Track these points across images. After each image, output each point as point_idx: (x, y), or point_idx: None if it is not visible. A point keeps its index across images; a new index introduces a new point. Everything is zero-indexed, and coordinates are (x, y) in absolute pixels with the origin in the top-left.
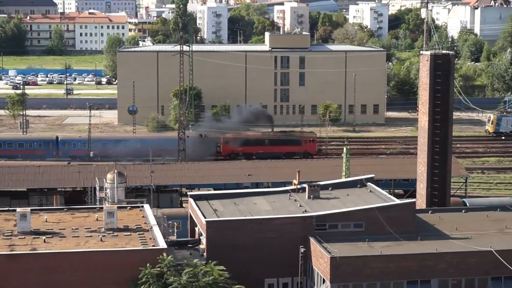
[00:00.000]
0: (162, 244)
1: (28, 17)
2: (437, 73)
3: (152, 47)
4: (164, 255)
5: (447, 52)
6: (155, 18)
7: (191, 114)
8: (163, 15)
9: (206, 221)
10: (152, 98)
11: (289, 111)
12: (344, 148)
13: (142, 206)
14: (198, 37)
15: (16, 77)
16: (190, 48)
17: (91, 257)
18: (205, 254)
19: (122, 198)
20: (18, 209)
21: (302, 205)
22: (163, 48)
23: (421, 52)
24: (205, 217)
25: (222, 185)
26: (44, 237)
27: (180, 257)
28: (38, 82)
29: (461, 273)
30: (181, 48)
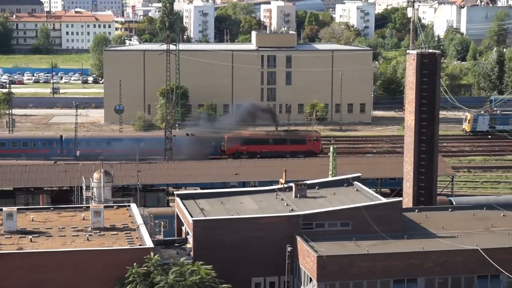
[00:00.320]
0: (149, 243)
1: (14, 16)
2: (423, 72)
3: (138, 46)
4: (151, 254)
5: (434, 51)
6: (141, 17)
7: (178, 113)
8: (150, 14)
9: (193, 220)
10: (139, 97)
11: (275, 110)
12: (331, 147)
13: (129, 205)
14: (185, 36)
15: (2, 76)
16: (177, 47)
17: (77, 256)
18: (192, 253)
19: (108, 197)
20: (4, 209)
21: (289, 204)
22: (149, 47)
23: (408, 51)
24: (192, 216)
25: (209, 184)
26: (30, 237)
27: (167, 256)
28: (24, 81)
29: (448, 271)
30: (168, 47)
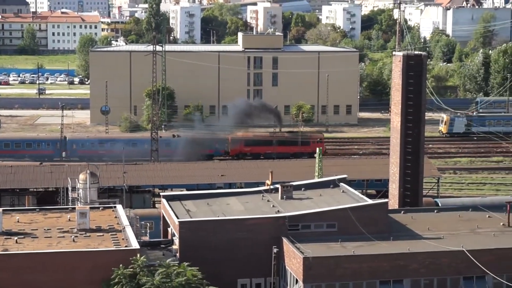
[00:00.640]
0: (134, 244)
1: (0, 16)
2: (409, 73)
3: (125, 47)
4: (137, 255)
5: (420, 53)
6: (128, 17)
7: (164, 115)
8: (136, 14)
9: (179, 221)
10: (125, 98)
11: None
12: (317, 149)
13: (115, 207)
14: (171, 37)
15: None
16: (163, 48)
17: (63, 257)
18: (178, 254)
19: (94, 198)
20: None
21: (275, 206)
22: (136, 48)
23: (394, 52)
24: (178, 218)
25: (195, 185)
26: (16, 238)
27: (153, 258)
28: (10, 82)
29: (433, 273)
30: (154, 48)
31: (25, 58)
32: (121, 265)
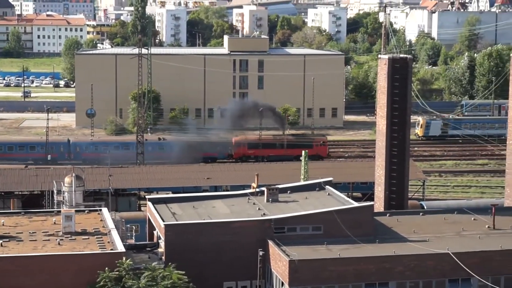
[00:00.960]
0: (120, 247)
1: None
2: (395, 76)
3: (110, 49)
4: (122, 258)
5: (405, 56)
6: (113, 20)
7: (150, 118)
8: (122, 17)
9: (164, 224)
10: (111, 101)
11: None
12: (303, 152)
13: (100, 210)
14: (157, 40)
15: None
16: (149, 51)
17: (48, 261)
18: (163, 257)
19: (80, 201)
20: None
21: (260, 209)
22: (121, 51)
23: (379, 55)
24: (163, 221)
25: (181, 188)
26: (1, 241)
27: (138, 261)
28: None
29: (419, 275)
30: (140, 51)
31: (10, 61)
32: (106, 268)
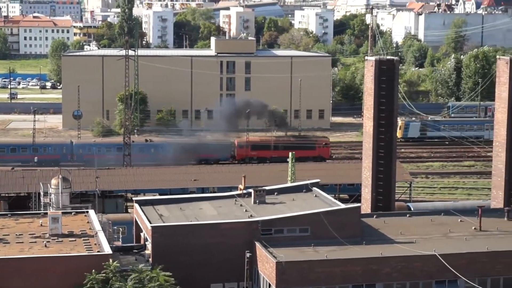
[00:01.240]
0: (107, 249)
1: None
2: (381, 78)
3: (97, 51)
4: (109, 261)
5: (392, 57)
6: (100, 22)
7: (137, 119)
8: (109, 19)
9: (151, 226)
10: (97, 103)
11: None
12: (290, 153)
13: (87, 212)
14: (144, 42)
15: None
16: (136, 53)
17: (35, 263)
18: (150, 259)
19: (66, 203)
20: None
21: (248, 210)
22: (108, 53)
23: (366, 57)
24: (150, 223)
25: (168, 190)
26: None
27: (125, 263)
28: None
29: (406, 277)
30: (127, 53)
31: None
32: (93, 270)
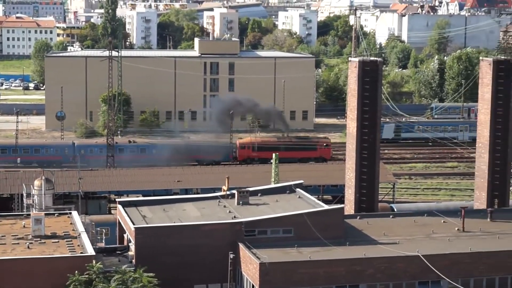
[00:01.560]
0: (90, 251)
1: None
2: (365, 79)
3: (80, 52)
4: (92, 262)
5: (375, 59)
6: (83, 23)
7: (120, 120)
8: (92, 20)
9: (135, 227)
10: (81, 104)
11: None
12: (273, 155)
13: (70, 213)
14: (127, 43)
15: None
16: (119, 54)
17: (18, 264)
18: (134, 260)
19: (49, 204)
20: None
21: (231, 211)
22: (91, 53)
23: (350, 58)
24: (134, 224)
25: (151, 191)
26: None
27: (108, 264)
28: None
29: (389, 277)
30: (110, 54)
31: None
32: (76, 272)
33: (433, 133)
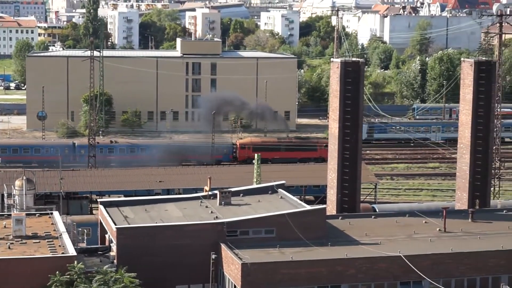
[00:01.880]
0: (71, 251)
1: None
2: (347, 80)
3: (62, 52)
4: (74, 262)
5: (357, 59)
6: (65, 22)
7: (102, 120)
8: (74, 19)
9: (116, 228)
10: (62, 104)
11: (200, 117)
12: (256, 155)
13: (51, 213)
14: (109, 43)
15: None
16: (101, 54)
17: None
18: (115, 261)
19: (30, 205)
20: None
21: (213, 212)
22: (73, 53)
23: (332, 59)
24: (115, 224)
25: (133, 191)
26: None
27: (90, 265)
28: None
29: (371, 278)
30: (92, 54)
31: None
32: (57, 272)
33: (406, 134)
